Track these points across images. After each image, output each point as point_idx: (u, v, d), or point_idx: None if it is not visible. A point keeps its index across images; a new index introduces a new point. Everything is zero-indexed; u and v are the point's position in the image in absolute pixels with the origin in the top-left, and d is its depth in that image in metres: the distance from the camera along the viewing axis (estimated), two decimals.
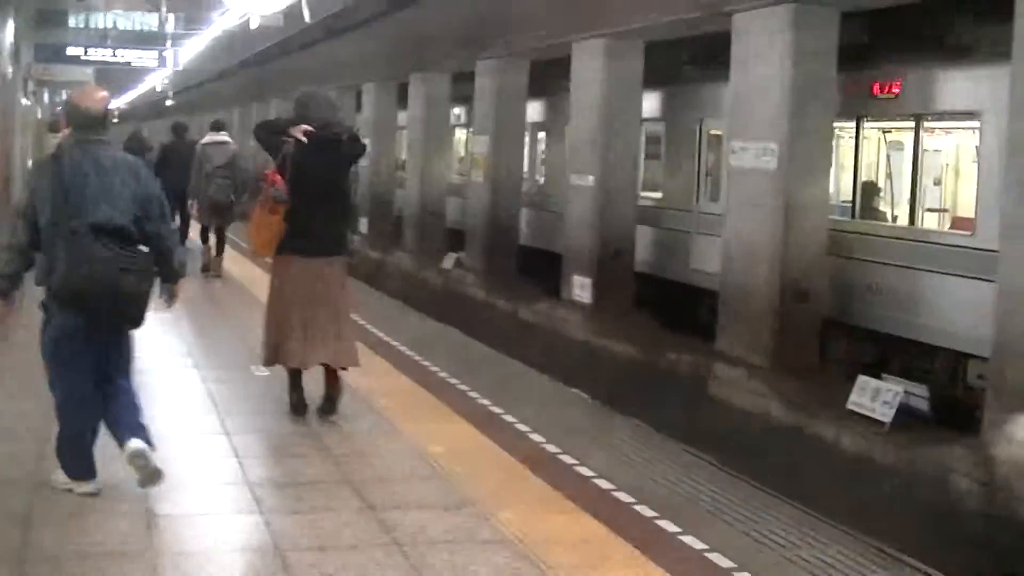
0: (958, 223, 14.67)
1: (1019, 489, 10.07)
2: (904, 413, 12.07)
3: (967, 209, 14.50)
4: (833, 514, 8.97)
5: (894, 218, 15.77)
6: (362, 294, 20.50)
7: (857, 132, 15.96)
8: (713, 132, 19.03)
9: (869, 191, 16.11)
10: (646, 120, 20.01)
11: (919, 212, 15.07)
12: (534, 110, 25.30)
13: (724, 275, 15.40)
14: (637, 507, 7.93)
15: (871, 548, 7.74)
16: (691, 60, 20.68)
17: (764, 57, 14.54)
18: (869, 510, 10.72)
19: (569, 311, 18.98)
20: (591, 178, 19.12)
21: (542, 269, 22.72)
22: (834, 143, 15.52)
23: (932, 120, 15.03)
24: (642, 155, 20.26)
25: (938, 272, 14.10)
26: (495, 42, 23.17)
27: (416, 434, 9.58)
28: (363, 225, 32.12)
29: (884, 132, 16.18)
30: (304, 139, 9.43)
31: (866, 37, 16.24)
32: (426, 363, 12.89)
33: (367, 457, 8.93)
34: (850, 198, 16.15)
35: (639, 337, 17.07)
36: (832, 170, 15.43)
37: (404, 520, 7.37)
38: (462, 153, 30.61)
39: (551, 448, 9.41)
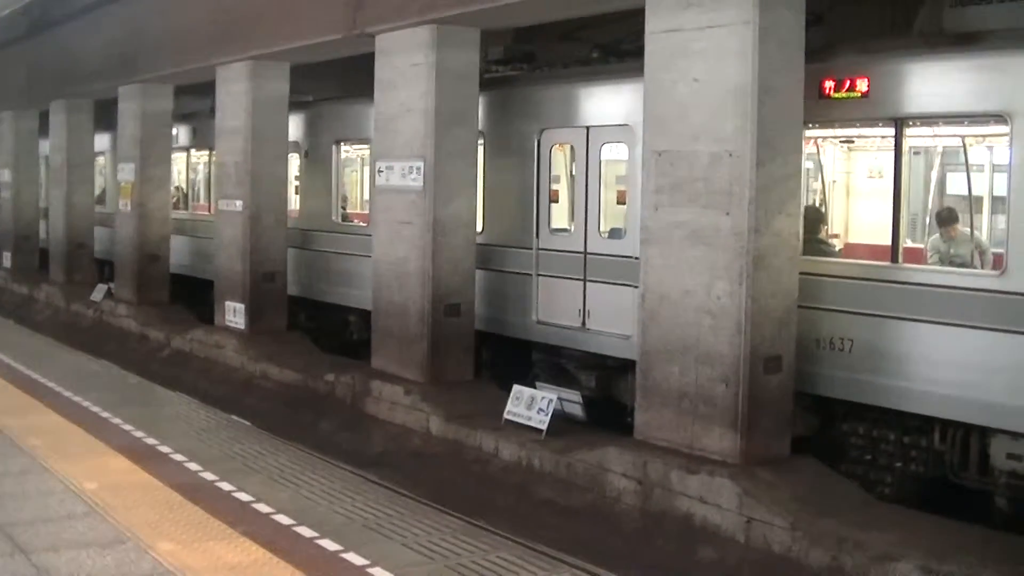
0: None
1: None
2: (560, 419, 12.39)
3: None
4: (494, 522, 9.20)
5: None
6: (9, 332, 19.86)
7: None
8: None
9: None
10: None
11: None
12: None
13: (375, 292, 15.45)
14: (297, 528, 7.96)
15: (531, 551, 7.96)
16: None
17: (407, 77, 14.69)
18: (530, 515, 10.99)
19: (224, 337, 18.76)
20: (239, 203, 18.93)
21: None
22: None
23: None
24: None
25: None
26: (138, 66, 22.71)
27: (69, 472, 9.35)
28: (7, 260, 31.03)
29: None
30: None
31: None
32: (78, 399, 12.60)
33: (17, 499, 8.64)
34: None
35: (295, 360, 17.01)
36: None
37: (59, 561, 7.18)
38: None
39: (208, 476, 9.36)
